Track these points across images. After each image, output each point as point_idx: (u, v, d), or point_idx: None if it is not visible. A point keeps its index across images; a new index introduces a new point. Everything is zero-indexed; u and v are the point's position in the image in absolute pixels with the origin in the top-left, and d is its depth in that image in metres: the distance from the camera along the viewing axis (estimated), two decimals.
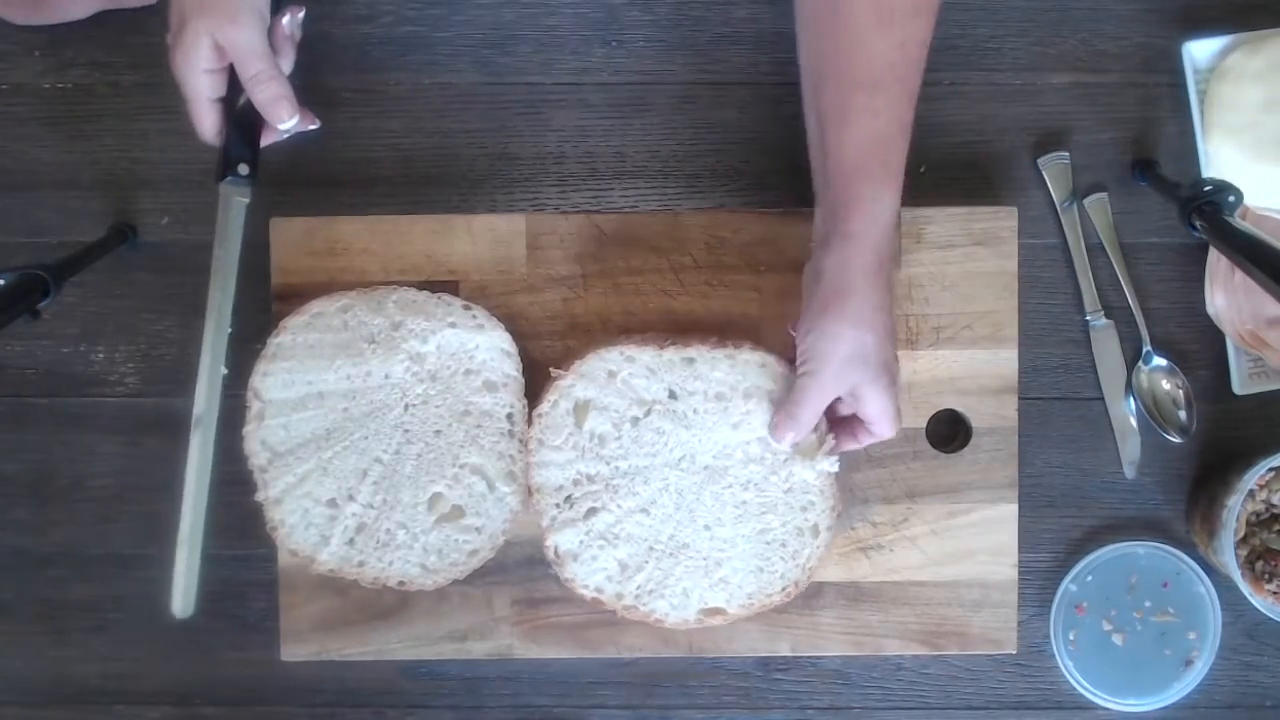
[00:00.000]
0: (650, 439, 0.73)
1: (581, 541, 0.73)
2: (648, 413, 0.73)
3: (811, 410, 0.69)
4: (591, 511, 0.73)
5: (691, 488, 0.73)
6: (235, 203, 0.72)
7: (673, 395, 0.73)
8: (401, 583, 0.74)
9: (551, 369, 0.74)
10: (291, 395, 0.74)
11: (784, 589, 0.73)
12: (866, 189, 0.65)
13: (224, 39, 0.67)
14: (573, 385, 0.73)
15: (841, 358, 0.66)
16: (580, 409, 0.73)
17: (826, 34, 0.65)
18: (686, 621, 0.74)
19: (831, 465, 0.72)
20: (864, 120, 0.64)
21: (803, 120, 0.80)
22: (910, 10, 0.63)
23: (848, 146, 0.65)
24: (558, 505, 0.73)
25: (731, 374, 0.72)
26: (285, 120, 0.70)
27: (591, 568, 0.73)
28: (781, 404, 0.71)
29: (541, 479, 0.73)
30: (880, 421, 0.68)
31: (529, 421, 0.74)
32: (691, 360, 0.72)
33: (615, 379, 0.73)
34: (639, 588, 0.73)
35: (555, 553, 0.73)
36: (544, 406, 0.73)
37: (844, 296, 0.66)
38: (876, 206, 0.65)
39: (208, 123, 0.70)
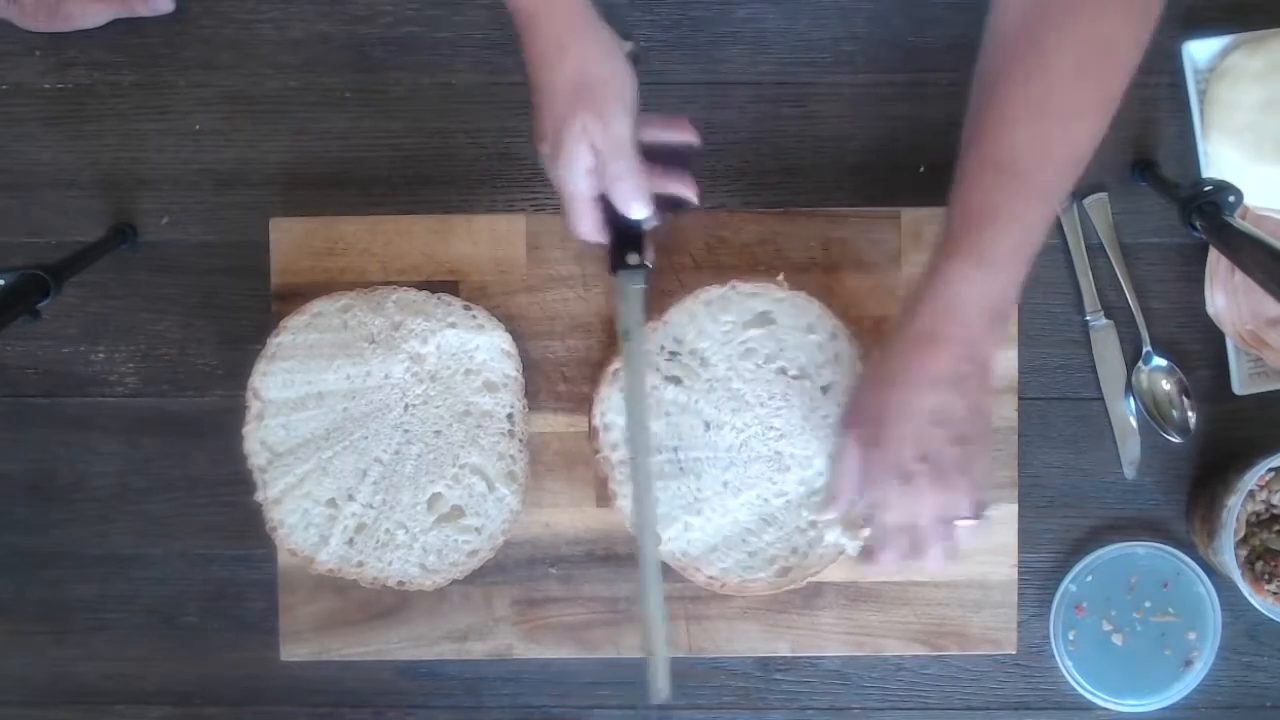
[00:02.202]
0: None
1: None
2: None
3: (839, 468, 0.68)
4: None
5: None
6: (632, 292, 0.69)
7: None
8: (401, 583, 0.74)
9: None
10: (291, 395, 0.74)
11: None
12: (949, 267, 0.61)
13: (595, 139, 0.63)
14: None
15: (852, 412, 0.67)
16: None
17: (981, 111, 0.62)
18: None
19: (853, 549, 0.72)
20: (974, 196, 0.61)
21: (802, 120, 0.80)
22: (1070, 113, 0.60)
23: (953, 214, 0.62)
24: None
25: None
26: (636, 213, 0.66)
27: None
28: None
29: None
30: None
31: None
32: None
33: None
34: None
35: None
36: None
37: (871, 379, 0.67)
38: (951, 291, 0.61)
39: (588, 221, 0.66)
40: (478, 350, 0.75)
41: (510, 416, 0.75)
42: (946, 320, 0.62)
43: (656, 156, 0.66)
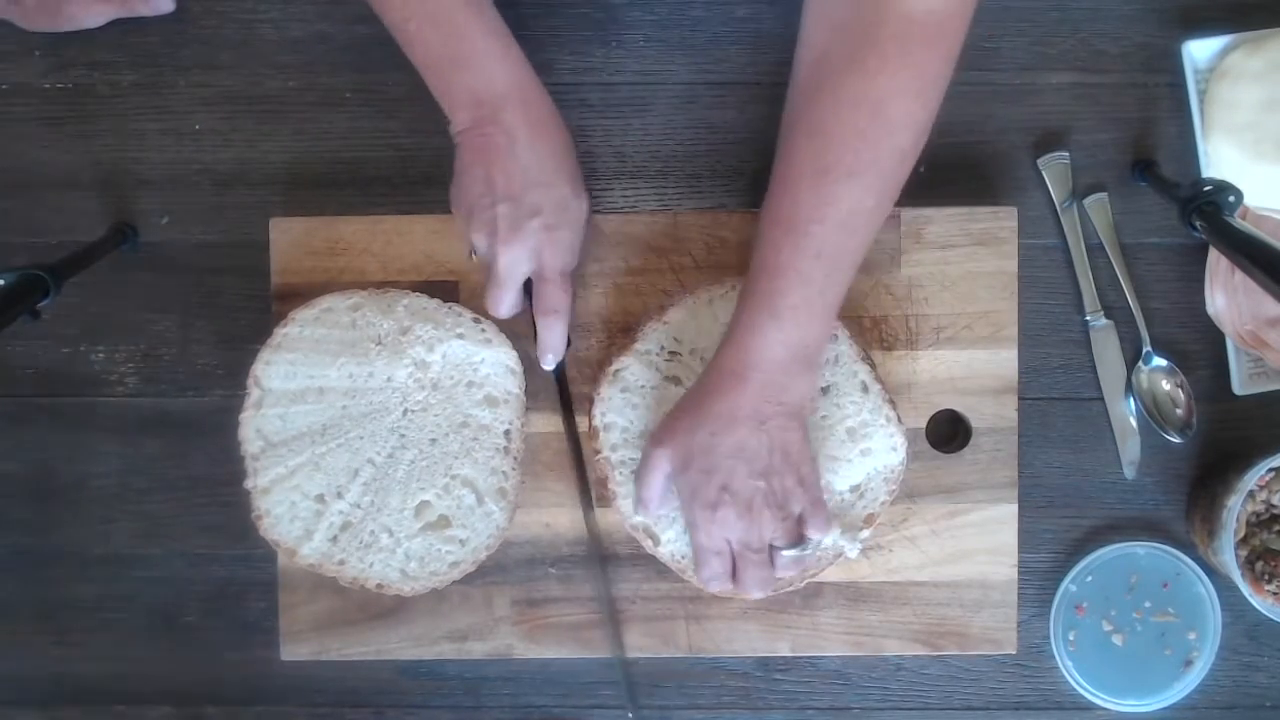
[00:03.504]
0: None
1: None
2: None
3: (647, 479, 0.70)
4: None
5: None
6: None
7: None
8: (380, 585, 0.74)
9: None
10: (292, 387, 0.74)
11: None
12: (746, 317, 0.65)
13: (541, 254, 0.70)
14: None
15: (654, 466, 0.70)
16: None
17: (775, 165, 0.65)
18: None
19: (853, 551, 0.73)
20: (764, 252, 0.64)
21: None
22: (845, 172, 0.62)
23: (751, 265, 0.65)
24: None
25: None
26: (547, 362, 0.74)
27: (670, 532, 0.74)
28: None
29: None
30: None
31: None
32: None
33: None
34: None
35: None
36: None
37: (682, 407, 0.69)
38: (748, 337, 0.64)
39: (509, 301, 0.72)
40: (482, 364, 0.75)
41: (508, 433, 0.75)
42: (745, 363, 0.65)
43: None
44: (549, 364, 0.74)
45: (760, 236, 0.65)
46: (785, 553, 0.69)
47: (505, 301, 0.71)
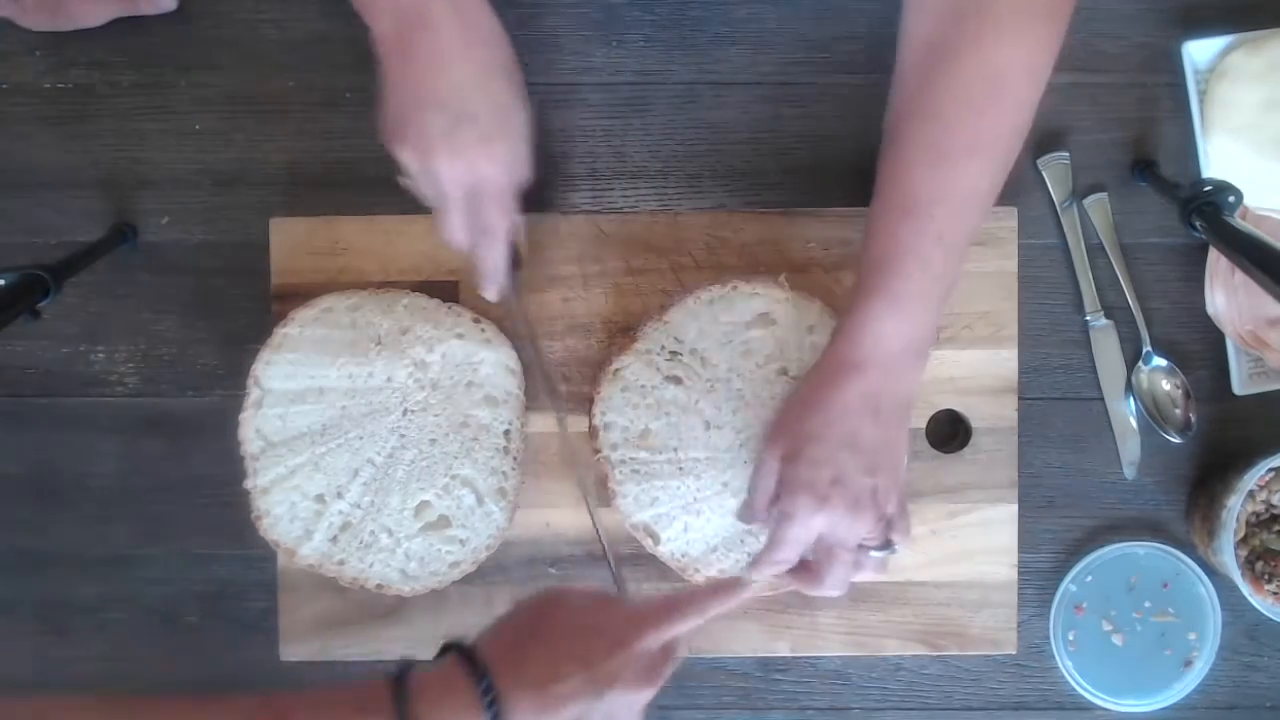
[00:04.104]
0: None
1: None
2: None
3: (758, 482, 0.67)
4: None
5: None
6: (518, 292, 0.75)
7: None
8: (380, 586, 0.74)
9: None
10: (292, 387, 0.74)
11: None
12: (864, 306, 0.63)
13: (478, 167, 0.66)
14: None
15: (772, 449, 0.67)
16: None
17: (885, 154, 0.64)
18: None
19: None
20: (882, 239, 0.63)
21: (802, 120, 0.80)
22: (964, 151, 0.61)
23: (865, 255, 0.64)
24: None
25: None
26: (487, 291, 0.72)
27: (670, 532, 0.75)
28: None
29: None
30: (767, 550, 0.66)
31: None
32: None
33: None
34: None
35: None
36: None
37: (793, 400, 0.67)
38: (867, 327, 0.63)
39: (457, 224, 0.68)
40: (482, 364, 0.75)
41: (507, 433, 0.75)
42: (863, 355, 0.63)
43: None
44: (489, 293, 0.71)
45: (873, 226, 0.63)
46: (875, 554, 0.66)
47: (452, 225, 0.67)
